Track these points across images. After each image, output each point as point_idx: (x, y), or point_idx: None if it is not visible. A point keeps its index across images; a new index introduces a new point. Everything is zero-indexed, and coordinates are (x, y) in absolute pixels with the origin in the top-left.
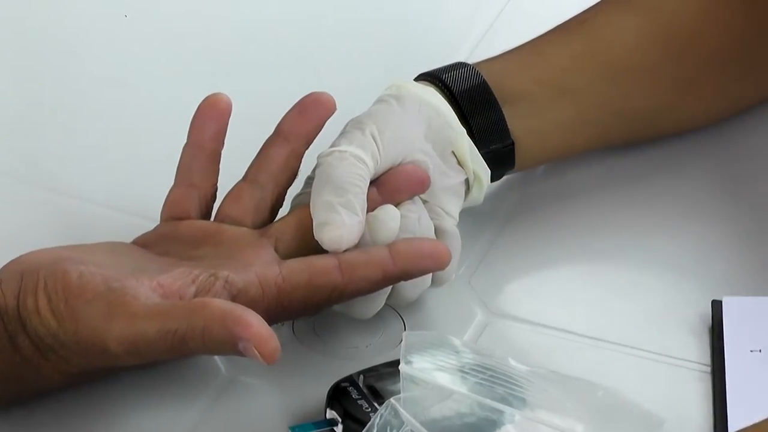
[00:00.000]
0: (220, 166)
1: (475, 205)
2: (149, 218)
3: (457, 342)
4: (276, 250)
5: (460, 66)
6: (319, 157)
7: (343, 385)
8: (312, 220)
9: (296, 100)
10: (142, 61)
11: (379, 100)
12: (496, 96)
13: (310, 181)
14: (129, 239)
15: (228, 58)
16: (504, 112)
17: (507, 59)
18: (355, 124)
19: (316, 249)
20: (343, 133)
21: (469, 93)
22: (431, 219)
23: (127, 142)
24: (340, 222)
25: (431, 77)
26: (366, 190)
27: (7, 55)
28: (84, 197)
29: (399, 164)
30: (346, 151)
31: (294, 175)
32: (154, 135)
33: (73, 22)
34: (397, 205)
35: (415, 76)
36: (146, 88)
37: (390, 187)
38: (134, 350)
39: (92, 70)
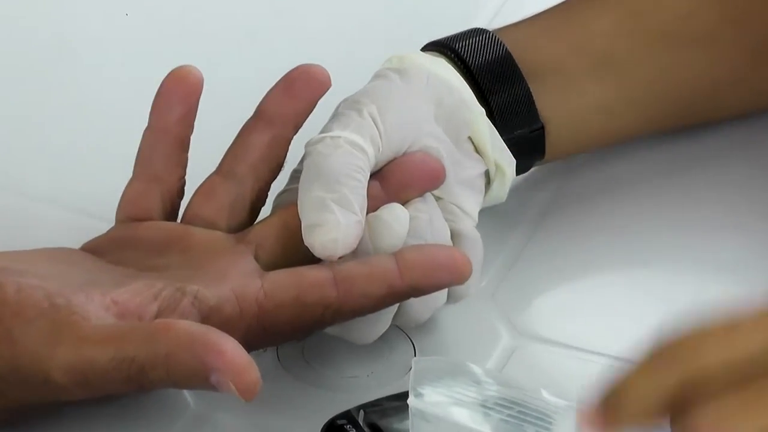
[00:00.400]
0: (189, 155)
1: (498, 204)
2: (102, 218)
3: (478, 370)
4: (256, 259)
5: (477, 33)
6: (307, 145)
7: (340, 422)
8: (299, 223)
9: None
10: (143, 59)
11: (377, 76)
12: (521, 70)
13: (297, 174)
14: (77, 244)
15: (227, 57)
16: (531, 90)
17: (534, 25)
18: (349, 105)
19: (305, 258)
20: (335, 115)
21: (489, 66)
22: (446, 220)
23: (78, 134)
24: (334, 223)
25: (441, 47)
26: (366, 185)
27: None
28: (22, 192)
29: (405, 152)
30: (339, 137)
31: (279, 167)
32: (117, 128)
33: (73, 20)
34: (404, 203)
35: (422, 46)
36: (137, 81)
37: (395, 180)
38: (83, 381)
39: (92, 69)
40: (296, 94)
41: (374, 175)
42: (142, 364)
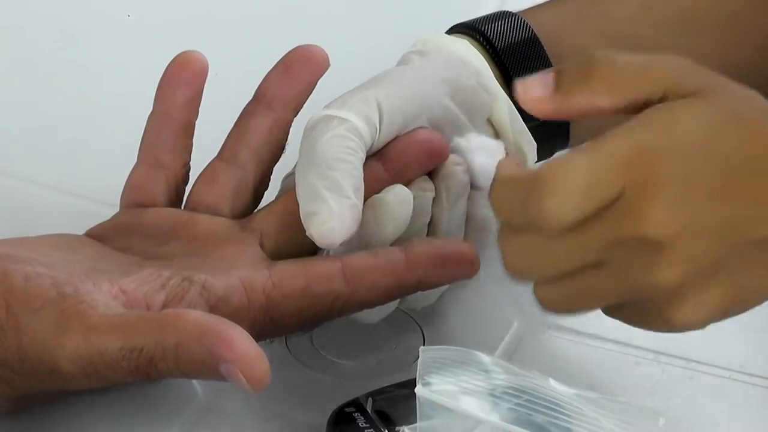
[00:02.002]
0: (194, 141)
1: None
2: (106, 203)
3: (486, 359)
4: (261, 247)
5: (504, 15)
6: (305, 128)
7: (348, 410)
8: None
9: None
10: (147, 45)
11: (401, 60)
12: (548, 54)
13: None
14: (81, 230)
15: (230, 45)
16: None
17: (559, 7)
18: (356, 87)
19: (310, 245)
20: (338, 96)
21: (515, 48)
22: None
23: (82, 120)
24: (328, 211)
25: (468, 29)
26: (360, 165)
27: (5, 52)
28: (28, 178)
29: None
30: (334, 117)
31: (281, 150)
32: (121, 114)
33: (80, 9)
34: (408, 182)
35: (449, 27)
36: (142, 67)
37: (396, 160)
38: (91, 371)
39: (96, 57)
40: (295, 75)
41: (375, 155)
42: (151, 354)
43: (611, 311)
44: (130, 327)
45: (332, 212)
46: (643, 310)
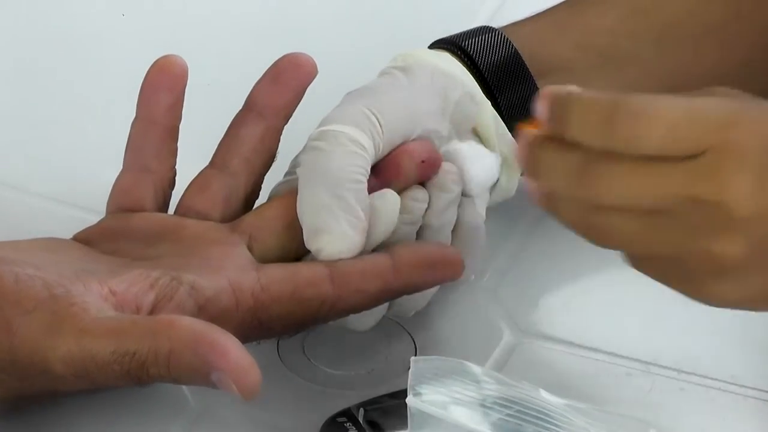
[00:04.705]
0: (182, 149)
1: (507, 197)
2: (93, 211)
3: (477, 369)
4: (250, 250)
5: (484, 31)
6: (309, 139)
7: (339, 420)
8: (295, 215)
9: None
10: (135, 53)
11: (382, 74)
12: (529, 68)
13: (295, 164)
14: (67, 236)
15: (221, 51)
16: (539, 87)
17: (539, 22)
18: (351, 99)
19: (299, 251)
20: (336, 108)
21: (498, 66)
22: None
23: (67, 127)
24: (340, 234)
25: (449, 45)
26: (366, 184)
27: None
28: (11, 184)
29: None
30: (341, 133)
31: (272, 158)
32: (106, 121)
33: (71, 18)
34: (400, 193)
35: (429, 44)
36: (126, 74)
37: (389, 171)
38: (83, 373)
39: (83, 64)
40: (284, 84)
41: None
42: (143, 359)
43: (646, 263)
44: (123, 331)
45: (344, 236)
46: (685, 270)
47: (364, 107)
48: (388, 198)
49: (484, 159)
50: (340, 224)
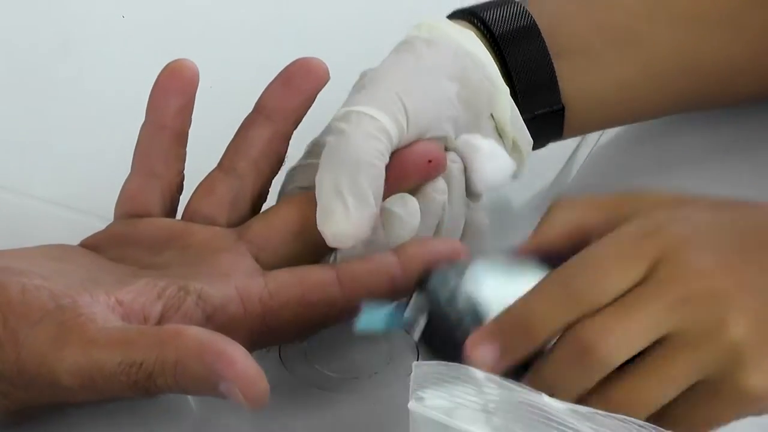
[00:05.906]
0: (190, 152)
1: (511, 180)
2: (101, 216)
3: (479, 374)
4: (256, 259)
5: (505, 3)
6: (333, 118)
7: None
8: (302, 224)
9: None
10: (142, 55)
11: (405, 43)
12: (548, 45)
13: (313, 148)
14: (74, 242)
15: (227, 54)
16: (555, 67)
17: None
18: (375, 79)
19: (307, 260)
20: (360, 87)
21: (512, 35)
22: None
23: (74, 131)
24: (345, 216)
25: (469, 15)
26: (384, 170)
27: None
28: (19, 189)
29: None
30: (365, 114)
31: (280, 162)
32: (114, 125)
33: (73, 18)
34: (414, 192)
35: (449, 12)
36: (135, 78)
37: (396, 169)
38: (90, 384)
39: (89, 67)
40: (295, 88)
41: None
42: (150, 369)
43: (672, 411)
44: (130, 341)
45: (350, 218)
46: (713, 383)
47: (392, 90)
48: (408, 204)
49: (500, 160)
50: (347, 207)
